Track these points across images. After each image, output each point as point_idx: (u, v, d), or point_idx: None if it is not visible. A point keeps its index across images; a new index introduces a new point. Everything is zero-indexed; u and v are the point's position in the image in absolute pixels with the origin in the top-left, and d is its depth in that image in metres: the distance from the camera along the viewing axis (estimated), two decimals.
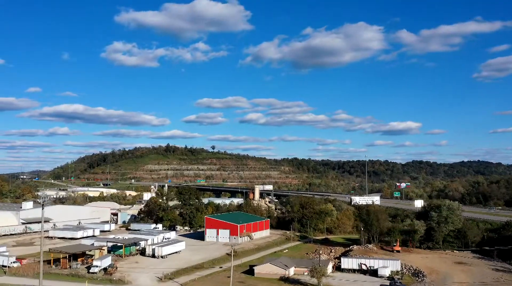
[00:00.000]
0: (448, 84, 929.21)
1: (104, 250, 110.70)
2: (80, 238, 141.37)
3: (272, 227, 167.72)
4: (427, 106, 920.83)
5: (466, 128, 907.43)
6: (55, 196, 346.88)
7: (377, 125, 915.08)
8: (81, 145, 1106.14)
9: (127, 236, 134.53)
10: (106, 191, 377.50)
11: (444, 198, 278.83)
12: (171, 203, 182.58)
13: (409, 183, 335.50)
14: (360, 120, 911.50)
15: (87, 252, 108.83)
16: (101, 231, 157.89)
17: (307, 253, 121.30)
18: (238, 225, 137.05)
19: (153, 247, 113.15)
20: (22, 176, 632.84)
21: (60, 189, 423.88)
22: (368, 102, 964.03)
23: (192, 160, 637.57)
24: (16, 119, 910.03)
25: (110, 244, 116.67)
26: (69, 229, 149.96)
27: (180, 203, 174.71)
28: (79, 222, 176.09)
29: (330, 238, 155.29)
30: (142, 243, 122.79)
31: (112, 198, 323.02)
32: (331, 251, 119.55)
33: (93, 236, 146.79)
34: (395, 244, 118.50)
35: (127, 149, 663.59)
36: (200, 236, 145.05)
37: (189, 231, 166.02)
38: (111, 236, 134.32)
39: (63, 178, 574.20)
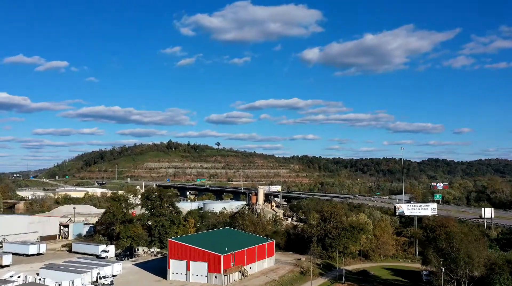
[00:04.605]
0: (477, 83, 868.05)
1: None
2: None
3: (279, 248, 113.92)
4: (455, 105, 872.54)
5: (489, 127, 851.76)
6: (31, 197, 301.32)
7: (403, 123, 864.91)
8: (106, 144, 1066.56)
9: (42, 272, 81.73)
10: (92, 192, 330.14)
11: (488, 200, 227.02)
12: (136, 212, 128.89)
13: (446, 183, 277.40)
14: (395, 118, 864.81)
15: None
16: (22, 256, 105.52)
17: None
18: (222, 256, 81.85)
19: None
20: (15, 175, 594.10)
21: (44, 189, 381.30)
22: (407, 102, 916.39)
23: (195, 157, 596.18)
24: (57, 119, 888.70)
25: None
26: None
27: (148, 212, 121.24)
28: (4, 239, 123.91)
29: (369, 269, 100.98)
30: None
31: (91, 200, 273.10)
32: None
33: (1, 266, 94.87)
34: None
35: (126, 146, 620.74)
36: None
37: (155, 255, 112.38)
38: (10, 273, 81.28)
39: (56, 176, 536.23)
